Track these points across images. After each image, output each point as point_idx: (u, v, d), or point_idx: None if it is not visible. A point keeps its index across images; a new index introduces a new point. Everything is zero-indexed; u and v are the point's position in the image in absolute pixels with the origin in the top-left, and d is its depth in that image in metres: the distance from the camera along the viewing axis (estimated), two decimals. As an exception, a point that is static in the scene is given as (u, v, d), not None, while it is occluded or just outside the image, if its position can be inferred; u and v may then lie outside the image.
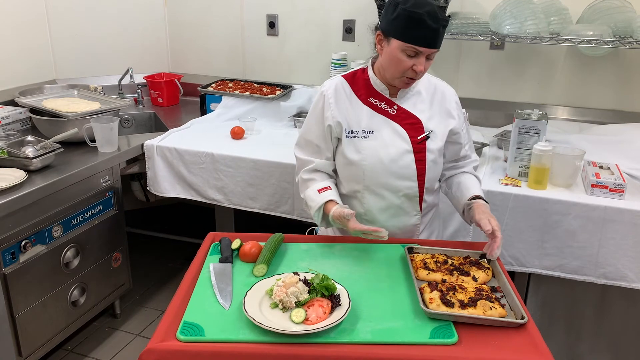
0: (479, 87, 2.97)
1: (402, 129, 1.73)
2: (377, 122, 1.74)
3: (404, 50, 1.59)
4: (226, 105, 3.05)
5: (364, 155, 1.73)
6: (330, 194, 1.74)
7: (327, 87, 1.77)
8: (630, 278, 2.07)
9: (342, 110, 1.75)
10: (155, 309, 2.97)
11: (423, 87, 1.77)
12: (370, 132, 1.73)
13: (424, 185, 1.76)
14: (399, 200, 1.77)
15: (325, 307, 1.37)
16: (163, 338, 1.31)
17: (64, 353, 2.61)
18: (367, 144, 1.73)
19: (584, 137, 2.53)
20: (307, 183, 1.80)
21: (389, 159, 1.72)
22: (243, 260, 1.66)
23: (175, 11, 3.47)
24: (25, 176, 2.16)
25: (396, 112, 1.74)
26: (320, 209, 1.72)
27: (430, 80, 1.80)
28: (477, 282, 1.54)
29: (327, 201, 1.72)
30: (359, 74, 1.78)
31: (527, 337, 1.33)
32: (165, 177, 2.65)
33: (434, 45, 1.58)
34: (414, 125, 1.73)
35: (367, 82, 1.76)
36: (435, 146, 1.75)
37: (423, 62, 1.60)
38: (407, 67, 1.61)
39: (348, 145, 1.75)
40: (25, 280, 2.18)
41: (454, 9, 2.81)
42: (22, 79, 3.05)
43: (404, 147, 1.72)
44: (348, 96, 1.76)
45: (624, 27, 2.45)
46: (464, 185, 1.82)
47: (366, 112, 1.74)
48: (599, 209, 2.04)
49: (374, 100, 1.74)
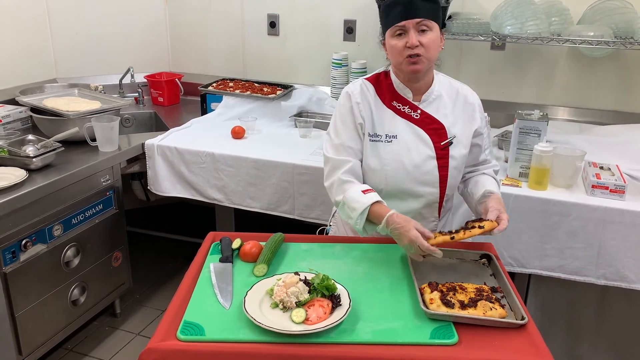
0: (479, 87, 2.93)
1: (425, 134, 1.70)
2: (401, 127, 1.71)
3: (393, 35, 1.63)
4: (227, 105, 3.05)
5: (386, 160, 1.70)
6: (376, 196, 1.63)
7: (352, 89, 1.75)
8: (631, 279, 2.07)
9: (367, 111, 1.72)
10: (155, 309, 2.97)
11: (445, 91, 1.75)
12: (394, 137, 1.71)
13: (445, 192, 1.74)
14: (420, 206, 1.75)
15: (325, 307, 1.37)
16: (163, 337, 1.31)
17: (64, 352, 2.61)
18: (390, 149, 1.70)
19: (584, 138, 2.53)
20: (345, 185, 1.69)
21: (412, 164, 1.70)
22: (243, 260, 1.66)
23: (176, 10, 3.47)
24: (26, 175, 2.17)
25: (420, 116, 1.71)
26: (365, 211, 1.61)
27: (452, 84, 1.78)
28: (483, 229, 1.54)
29: (374, 202, 1.61)
30: (382, 78, 1.75)
31: (528, 337, 1.33)
32: (165, 176, 2.65)
33: (412, 15, 1.58)
34: (438, 130, 1.71)
35: (390, 86, 1.74)
36: (458, 153, 1.72)
37: (414, 36, 1.59)
38: (402, 48, 1.61)
39: (371, 150, 1.72)
40: (26, 279, 2.18)
41: (455, 9, 2.81)
42: (23, 78, 3.05)
43: (427, 153, 1.70)
44: (373, 98, 1.73)
45: (624, 27, 2.45)
46: (480, 183, 1.78)
47: (389, 116, 1.72)
48: (600, 209, 2.04)
49: (397, 104, 1.72)
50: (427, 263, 1.64)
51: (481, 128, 1.77)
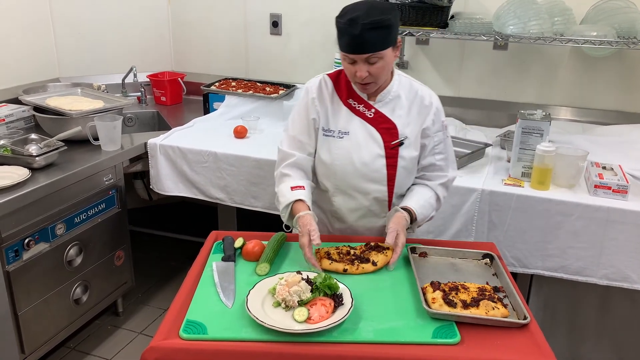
0: (482, 87, 2.96)
1: (377, 133, 1.74)
2: (354, 124, 1.75)
3: (344, 58, 1.64)
4: (229, 104, 3.05)
5: (336, 155, 1.75)
6: (301, 194, 1.72)
7: (311, 84, 1.81)
8: (633, 279, 2.07)
9: (323, 107, 1.77)
10: (157, 307, 2.97)
11: (404, 92, 1.76)
12: (346, 133, 1.75)
13: (394, 190, 1.77)
14: (369, 203, 1.79)
15: (327, 306, 1.37)
16: (166, 336, 1.32)
17: (67, 351, 2.61)
18: (341, 144, 1.74)
19: (587, 138, 2.53)
20: (282, 178, 1.79)
21: (361, 162, 1.73)
22: (246, 259, 1.66)
23: (178, 10, 3.47)
24: (29, 174, 2.17)
25: (373, 115, 1.74)
26: (288, 206, 1.71)
27: (413, 85, 1.78)
28: (377, 266, 1.59)
29: (296, 200, 1.70)
30: (343, 75, 1.78)
31: (530, 337, 1.33)
32: (168, 175, 2.65)
33: (359, 50, 1.58)
34: (390, 130, 1.73)
35: (348, 83, 1.76)
36: (408, 154, 1.74)
37: (363, 68, 1.61)
38: (352, 74, 1.65)
39: (323, 144, 1.77)
40: (28, 278, 2.19)
41: (457, 9, 2.81)
42: (26, 77, 3.05)
43: (376, 151, 1.73)
44: (330, 94, 1.78)
45: (627, 27, 2.44)
46: (409, 195, 1.79)
47: (345, 113, 1.76)
48: (602, 209, 2.04)
49: (353, 102, 1.76)
50: (429, 263, 1.64)
51: (429, 130, 1.75)
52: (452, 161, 1.84)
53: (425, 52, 2.98)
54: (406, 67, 3.00)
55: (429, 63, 2.99)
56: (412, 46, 2.98)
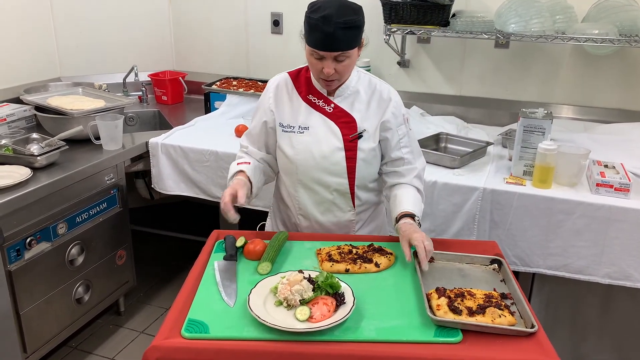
0: (483, 85, 2.96)
1: (336, 127, 1.78)
2: (314, 119, 1.79)
3: (311, 53, 1.66)
4: (230, 104, 3.05)
5: (297, 149, 1.79)
6: (244, 167, 1.82)
7: (271, 83, 1.87)
8: (635, 278, 2.06)
9: (280, 105, 1.82)
10: (159, 307, 2.98)
11: (362, 88, 1.81)
12: (306, 128, 1.79)
13: (355, 183, 1.81)
14: (331, 196, 1.83)
15: (329, 305, 1.37)
16: (168, 335, 1.32)
17: (69, 350, 2.62)
18: (302, 139, 1.79)
19: (589, 136, 2.53)
20: (235, 160, 1.90)
21: (321, 155, 1.78)
22: (247, 258, 1.66)
23: (179, 9, 3.47)
24: (30, 173, 2.17)
25: (333, 110, 1.79)
26: (232, 178, 1.81)
27: (372, 81, 1.83)
28: (379, 268, 1.59)
29: (238, 170, 1.80)
30: (303, 72, 1.84)
31: (532, 336, 1.33)
32: (169, 174, 2.65)
33: (329, 48, 1.61)
34: (348, 123, 1.78)
35: (308, 80, 1.82)
36: (367, 146, 1.78)
37: (330, 65, 1.64)
38: (318, 70, 1.68)
39: (284, 139, 1.82)
40: (30, 278, 2.19)
41: (458, 7, 2.80)
42: (27, 76, 3.05)
43: (335, 145, 1.77)
44: (289, 92, 1.83)
45: (629, 25, 2.44)
46: (398, 200, 1.79)
47: (304, 109, 1.81)
48: (604, 208, 2.03)
49: (312, 98, 1.81)
50: (435, 268, 1.62)
51: (390, 123, 1.79)
52: (418, 153, 1.89)
53: (427, 50, 2.98)
54: (407, 65, 2.99)
55: (430, 62, 2.99)
56: (414, 45, 2.98)
